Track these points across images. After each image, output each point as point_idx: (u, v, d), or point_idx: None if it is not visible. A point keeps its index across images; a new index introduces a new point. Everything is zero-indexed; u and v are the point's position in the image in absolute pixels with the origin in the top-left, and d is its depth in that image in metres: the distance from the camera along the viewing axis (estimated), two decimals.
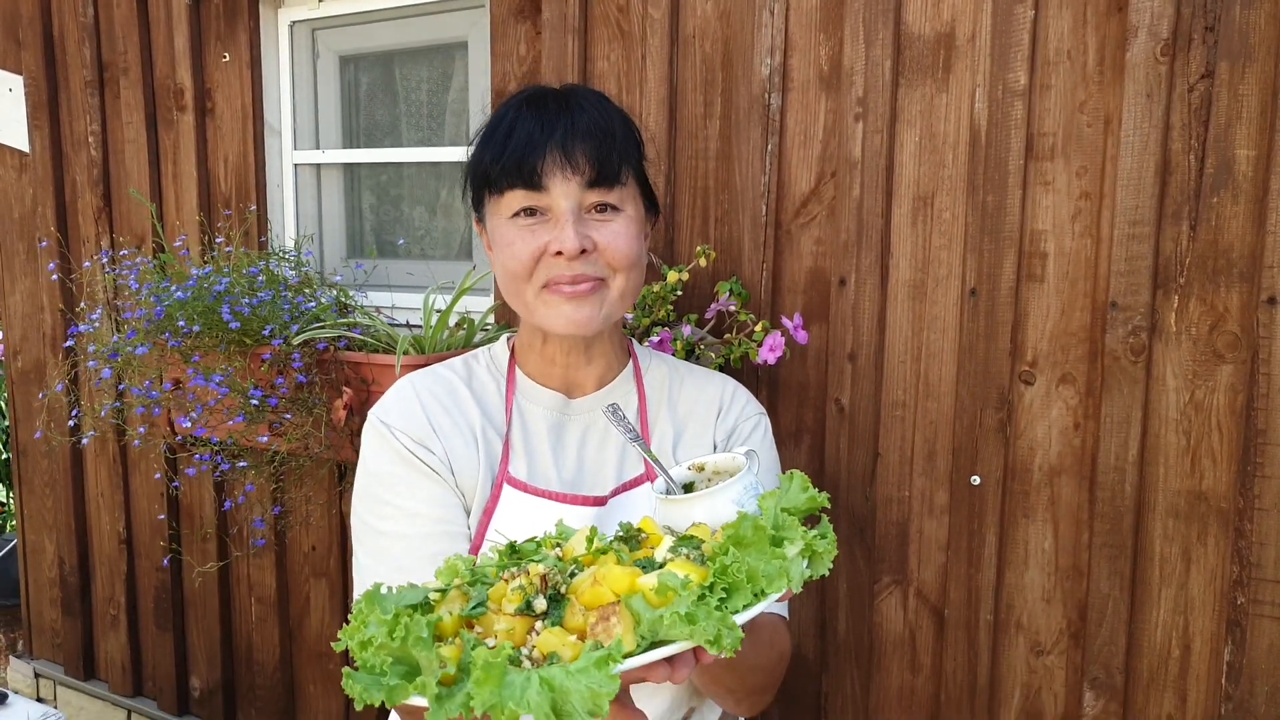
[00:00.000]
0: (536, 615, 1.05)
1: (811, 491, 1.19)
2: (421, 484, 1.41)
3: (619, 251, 1.38)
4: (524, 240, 1.37)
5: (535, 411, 1.50)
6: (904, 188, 2.02)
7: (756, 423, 1.57)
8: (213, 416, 2.37)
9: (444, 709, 0.93)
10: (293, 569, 3.03)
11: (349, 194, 3.05)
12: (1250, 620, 1.80)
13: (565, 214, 1.36)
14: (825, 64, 2.08)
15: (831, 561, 1.11)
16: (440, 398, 1.47)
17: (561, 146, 1.36)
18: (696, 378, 1.59)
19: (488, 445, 1.45)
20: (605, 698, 0.92)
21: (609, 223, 1.39)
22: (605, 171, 1.37)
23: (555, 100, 1.41)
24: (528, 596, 1.05)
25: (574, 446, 1.49)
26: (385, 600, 1.05)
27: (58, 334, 3.47)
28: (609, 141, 1.38)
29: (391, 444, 1.42)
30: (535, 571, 1.08)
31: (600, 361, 1.51)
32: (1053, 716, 1.99)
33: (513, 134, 1.38)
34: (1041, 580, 1.97)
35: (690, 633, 0.98)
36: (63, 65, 3.30)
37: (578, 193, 1.37)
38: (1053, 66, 1.87)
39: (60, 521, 3.62)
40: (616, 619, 1.01)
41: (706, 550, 1.10)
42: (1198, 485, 1.83)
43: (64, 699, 3.73)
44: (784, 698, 2.27)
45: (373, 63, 2.96)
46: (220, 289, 2.35)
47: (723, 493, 1.18)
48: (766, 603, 1.05)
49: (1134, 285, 1.83)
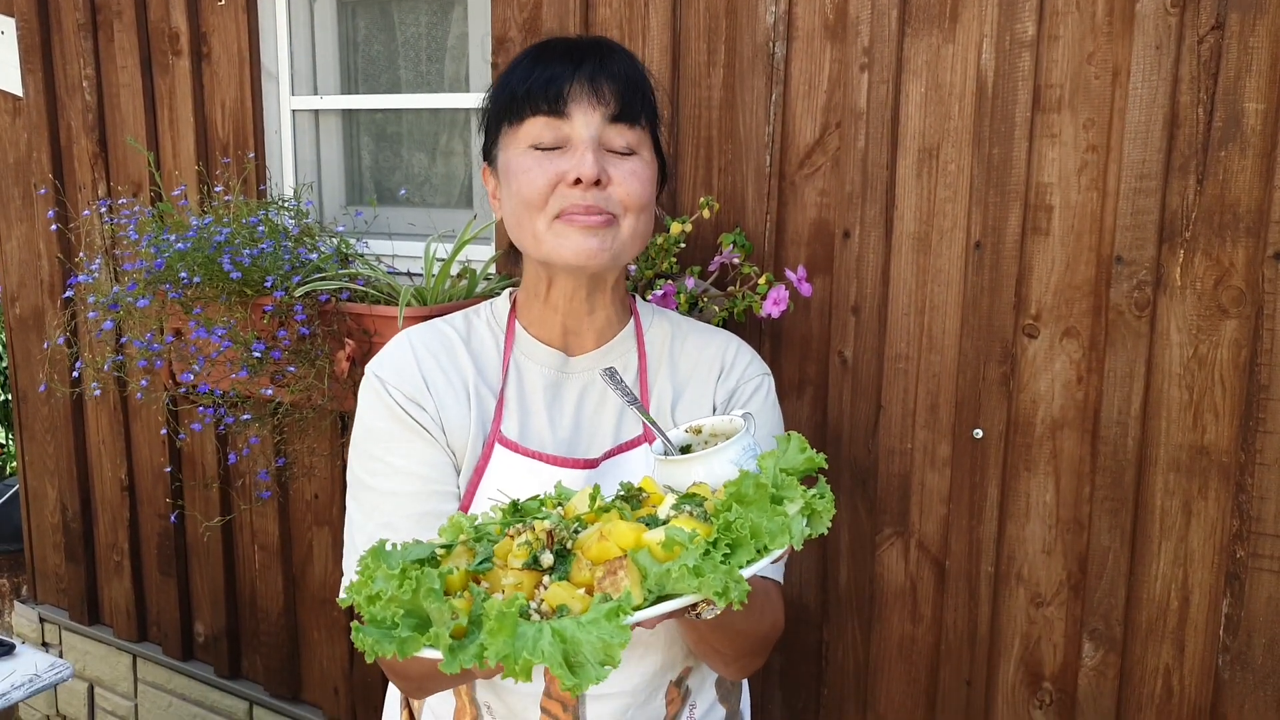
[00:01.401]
0: (543, 570, 1.06)
1: (809, 452, 1.19)
2: (412, 443, 1.41)
3: (632, 191, 1.38)
4: (541, 167, 1.36)
5: (532, 369, 1.49)
6: (909, 139, 2.01)
7: (759, 384, 1.54)
8: (215, 369, 2.37)
9: (457, 660, 0.94)
10: (295, 517, 3.05)
11: (348, 140, 3.03)
12: (1249, 573, 1.82)
13: (586, 141, 1.35)
14: (830, 12, 2.05)
15: (830, 520, 1.13)
16: (436, 353, 1.46)
17: (590, 78, 1.36)
18: (699, 336, 1.56)
19: (480, 403, 1.44)
20: (618, 648, 0.94)
21: (625, 161, 1.38)
22: (628, 109, 1.38)
23: (586, 43, 1.42)
24: (534, 552, 1.06)
25: (571, 406, 1.48)
26: (391, 556, 1.06)
27: (56, 281, 3.46)
28: (634, 85, 1.40)
29: (385, 399, 1.42)
30: (541, 527, 1.09)
31: (601, 314, 1.49)
32: (1052, 667, 2.02)
33: (540, 61, 1.39)
34: (1042, 533, 1.99)
35: (698, 585, 0.99)
36: (55, 7, 3.25)
37: (599, 124, 1.36)
38: (1061, 17, 1.85)
39: (62, 467, 3.63)
40: (624, 573, 1.02)
41: (709, 508, 1.11)
42: (1199, 440, 1.84)
43: (69, 643, 3.77)
44: (785, 647, 2.30)
45: (371, 6, 2.92)
46: (221, 239, 2.34)
47: (722, 453, 1.19)
48: (770, 557, 1.07)
49: (1139, 239, 1.83)
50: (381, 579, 1.00)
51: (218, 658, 3.34)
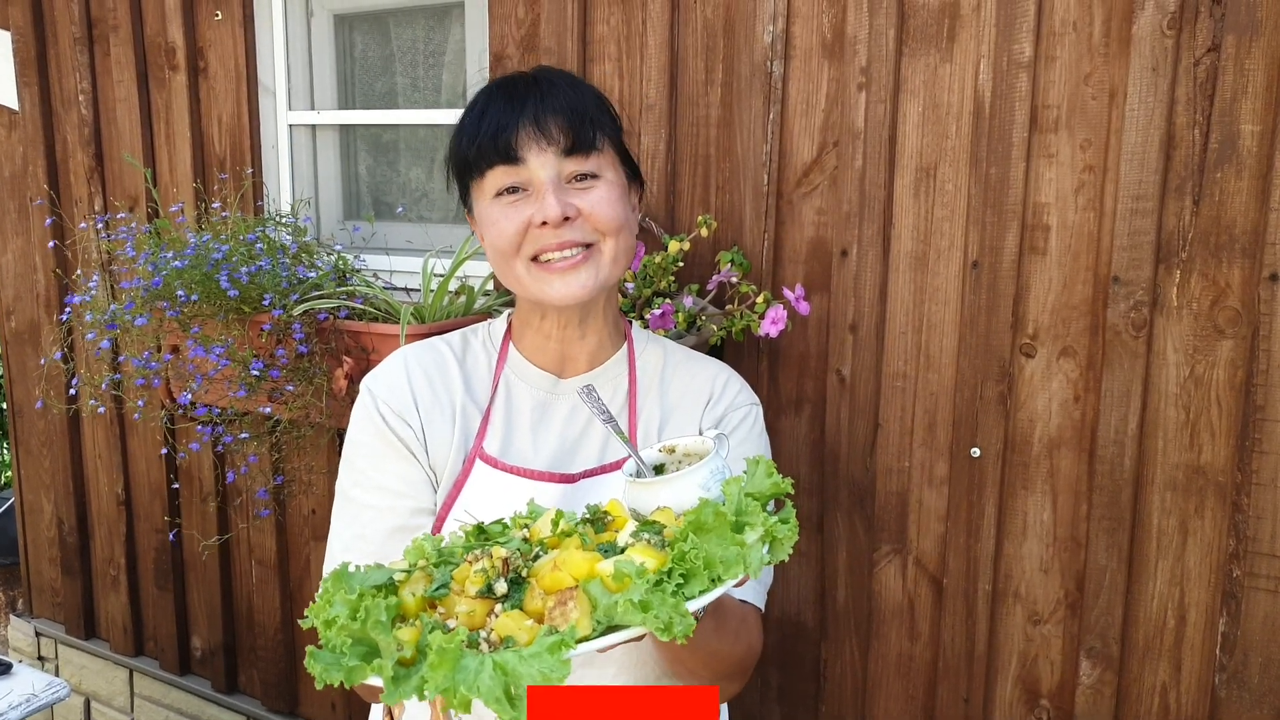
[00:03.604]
0: (497, 598, 1.07)
1: (776, 477, 1.18)
2: (393, 460, 1.46)
3: (604, 215, 1.40)
4: (508, 217, 1.40)
5: (522, 388, 1.52)
6: (907, 158, 2.02)
7: (747, 413, 1.55)
8: (213, 388, 2.37)
9: (399, 691, 0.96)
10: (293, 532, 3.05)
11: (345, 156, 3.03)
12: (1246, 593, 1.83)
13: (545, 184, 1.38)
14: (828, 31, 2.06)
15: (792, 547, 1.13)
16: (428, 370, 1.51)
17: (534, 119, 1.38)
18: (691, 364, 1.58)
19: (465, 420, 1.48)
20: (557, 682, 0.95)
21: (591, 189, 1.41)
22: (580, 140, 1.39)
23: (524, 81, 1.44)
24: (489, 579, 1.08)
25: (558, 425, 1.51)
26: (351, 579, 1.08)
27: (52, 295, 3.45)
28: (580, 113, 1.41)
29: (373, 415, 1.47)
30: (497, 555, 1.11)
31: (594, 338, 1.52)
32: (1049, 685, 2.02)
33: (485, 115, 1.41)
34: (1040, 551, 1.99)
35: (643, 620, 1.01)
36: (51, 20, 3.25)
37: (555, 162, 1.39)
38: (1058, 38, 1.86)
39: (58, 481, 3.63)
40: (574, 604, 1.03)
41: (668, 535, 1.11)
42: (1196, 459, 1.84)
43: (65, 658, 3.76)
44: (784, 664, 2.30)
45: (368, 22, 2.92)
46: (218, 257, 2.34)
47: (688, 477, 1.19)
48: (722, 589, 1.07)
49: (1136, 260, 1.83)
50: (339, 603, 1.03)
51: (215, 672, 3.33)
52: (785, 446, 2.22)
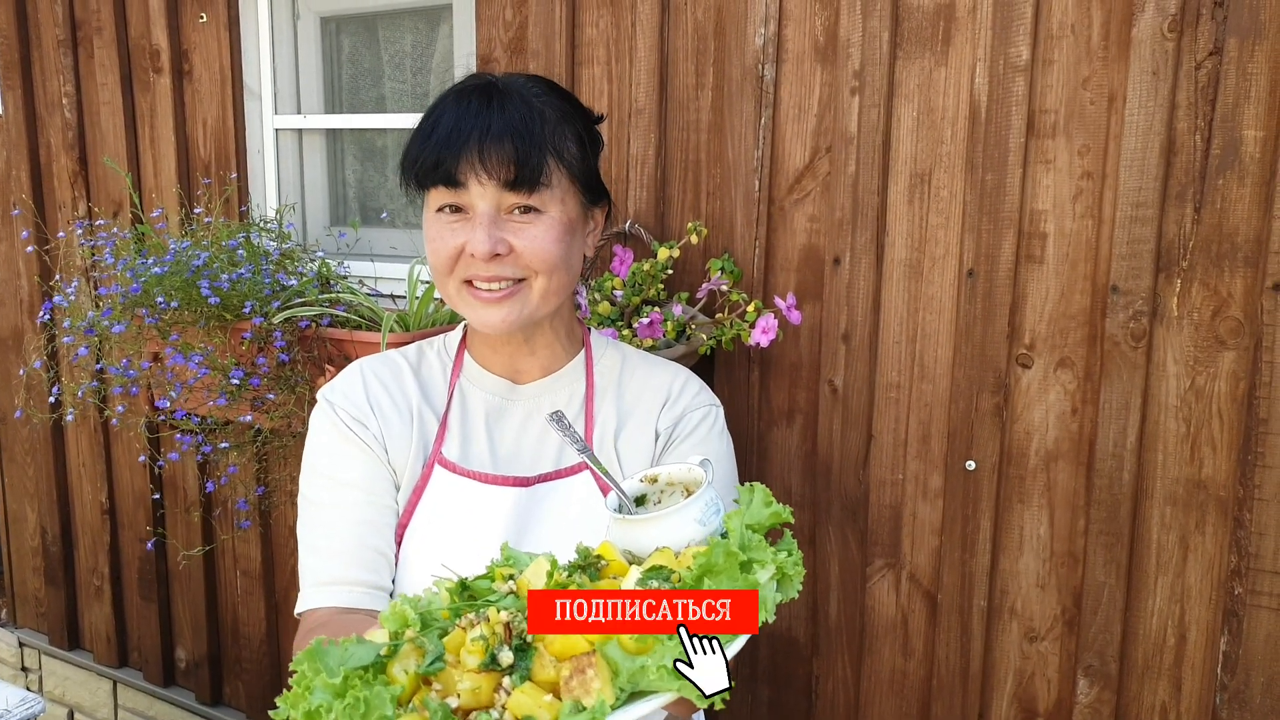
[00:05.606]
0: (503, 670, 0.95)
1: (775, 506, 1.12)
2: (355, 456, 1.46)
3: (537, 255, 1.38)
4: (444, 238, 1.40)
5: (476, 395, 1.53)
6: (901, 164, 1.97)
7: (706, 413, 1.53)
8: (193, 395, 2.32)
9: None
10: (278, 542, 3.00)
11: (331, 161, 2.98)
12: (1248, 611, 1.78)
13: (480, 216, 1.37)
14: (821, 35, 2.01)
15: (801, 583, 1.06)
16: (384, 378, 1.52)
17: (478, 148, 1.35)
18: (648, 366, 1.58)
19: (423, 426, 1.50)
20: None
21: (529, 226, 1.38)
22: (525, 173, 1.35)
23: (480, 96, 1.39)
24: (491, 649, 0.95)
25: (514, 430, 1.52)
26: (328, 656, 0.94)
27: (35, 301, 3.40)
28: (529, 141, 1.36)
29: (332, 418, 1.48)
30: (496, 619, 0.98)
31: (545, 352, 1.53)
32: (1046, 703, 1.97)
33: (434, 132, 1.38)
34: (1036, 566, 1.95)
35: (679, 686, 0.91)
36: (35, 23, 3.21)
37: (495, 195, 1.36)
38: (1056, 41, 1.81)
39: (41, 490, 3.58)
40: (593, 671, 0.92)
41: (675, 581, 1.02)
42: (1197, 473, 1.80)
43: (49, 669, 3.71)
44: (774, 681, 2.25)
45: (355, 24, 2.87)
46: (199, 263, 2.29)
47: (684, 511, 1.11)
48: (744, 637, 0.99)
49: (1136, 268, 1.79)
50: (321, 690, 0.90)
51: (199, 684, 3.28)
52: (776, 458, 2.17)
